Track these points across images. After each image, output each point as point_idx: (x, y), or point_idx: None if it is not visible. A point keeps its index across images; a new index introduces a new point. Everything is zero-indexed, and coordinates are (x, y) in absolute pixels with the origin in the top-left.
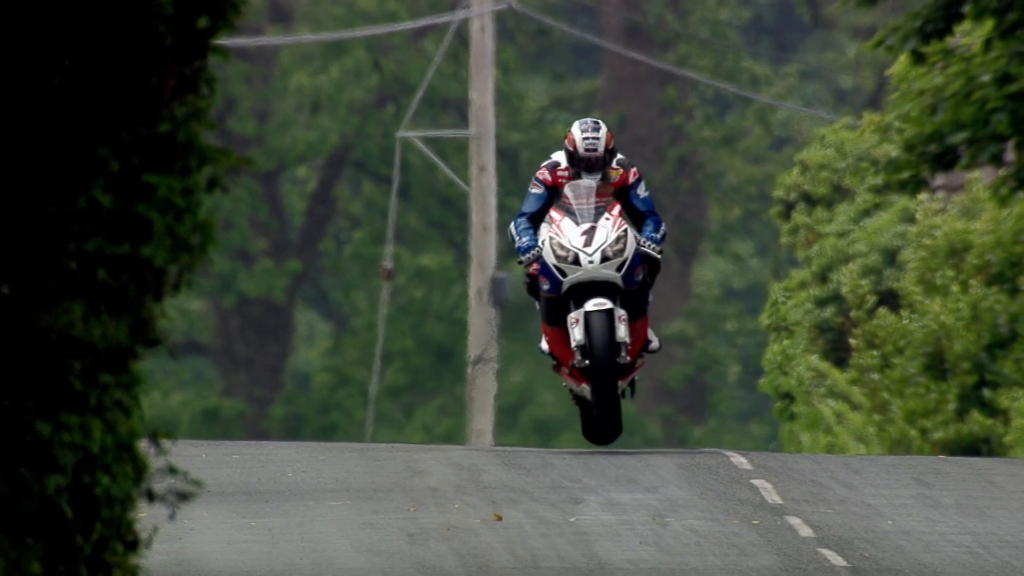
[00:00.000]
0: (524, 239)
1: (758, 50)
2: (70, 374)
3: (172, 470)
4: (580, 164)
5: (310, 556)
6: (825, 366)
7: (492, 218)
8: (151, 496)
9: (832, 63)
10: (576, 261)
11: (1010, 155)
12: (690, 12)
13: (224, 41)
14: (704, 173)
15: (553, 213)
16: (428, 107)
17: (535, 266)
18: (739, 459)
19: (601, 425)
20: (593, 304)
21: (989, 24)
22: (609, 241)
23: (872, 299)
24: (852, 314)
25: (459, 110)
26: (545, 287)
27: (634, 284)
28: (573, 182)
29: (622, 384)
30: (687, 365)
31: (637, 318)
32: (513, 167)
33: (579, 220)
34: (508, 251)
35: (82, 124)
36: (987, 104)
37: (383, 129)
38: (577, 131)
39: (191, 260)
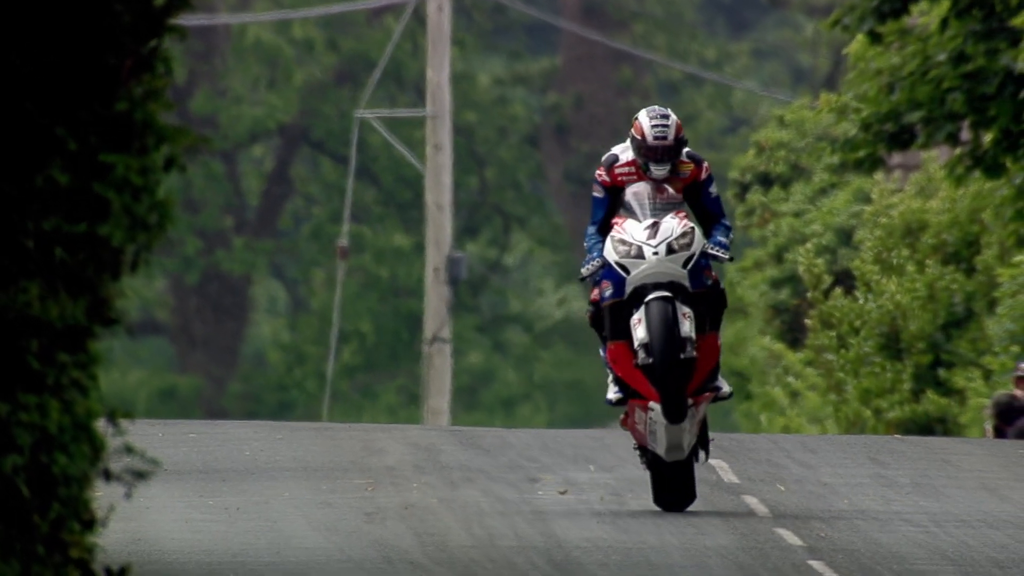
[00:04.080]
0: (593, 253)
1: (714, 29)
2: (27, 353)
3: (129, 449)
4: (648, 154)
5: (267, 535)
6: (779, 347)
7: (447, 197)
8: (108, 475)
9: (789, 42)
10: (640, 255)
11: (966, 134)
12: None
13: (181, 20)
14: None
15: (616, 219)
16: (385, 85)
17: (595, 292)
18: None
19: (674, 484)
20: (653, 294)
21: (945, 4)
22: (675, 235)
23: (828, 279)
24: (808, 294)
25: (417, 88)
26: (608, 293)
27: (702, 287)
28: (634, 187)
29: (695, 411)
30: None
31: (704, 331)
32: (469, 146)
33: (642, 218)
34: (464, 230)
35: (39, 103)
36: (943, 83)
37: (340, 108)
38: (645, 118)
39: (149, 239)
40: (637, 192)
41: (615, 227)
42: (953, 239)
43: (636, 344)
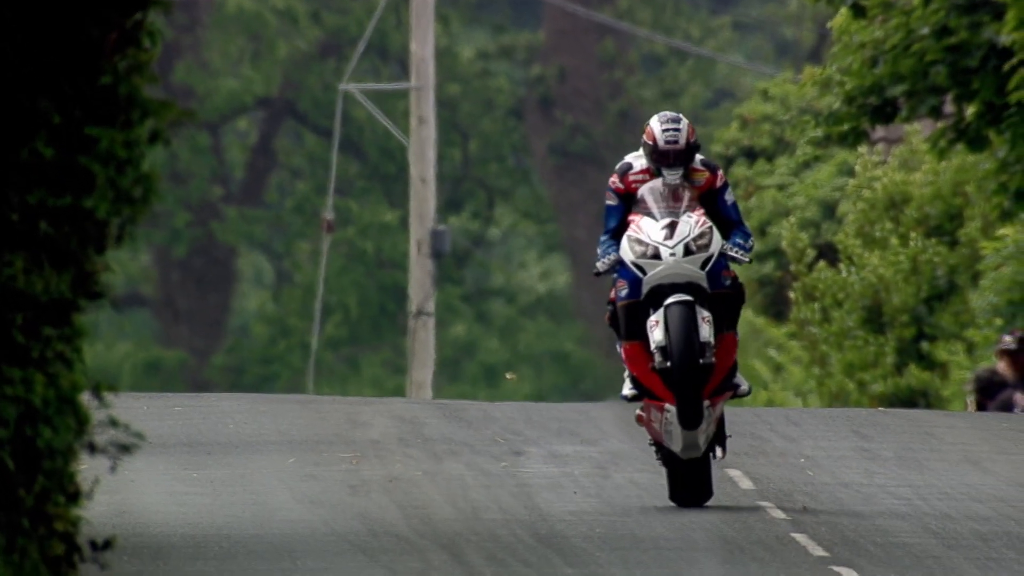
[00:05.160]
0: (610, 252)
1: (698, 2)
2: (12, 327)
3: (113, 422)
4: (660, 159)
5: (252, 508)
6: (761, 322)
7: (431, 171)
8: (93, 448)
9: (773, 15)
10: (656, 255)
11: (949, 107)
12: None
13: None
14: None
15: (632, 216)
16: (369, 58)
17: (613, 292)
18: None
19: (689, 480)
20: (673, 298)
21: None
22: (692, 235)
23: (811, 253)
24: (791, 268)
25: (400, 62)
26: (623, 293)
27: (721, 287)
28: (650, 184)
29: (712, 411)
30: None
31: (722, 331)
32: (453, 119)
33: (658, 214)
34: (448, 204)
35: (24, 76)
36: (926, 57)
37: (324, 80)
38: (656, 124)
39: (134, 212)
40: (653, 188)
41: (631, 225)
42: (936, 212)
43: (653, 347)
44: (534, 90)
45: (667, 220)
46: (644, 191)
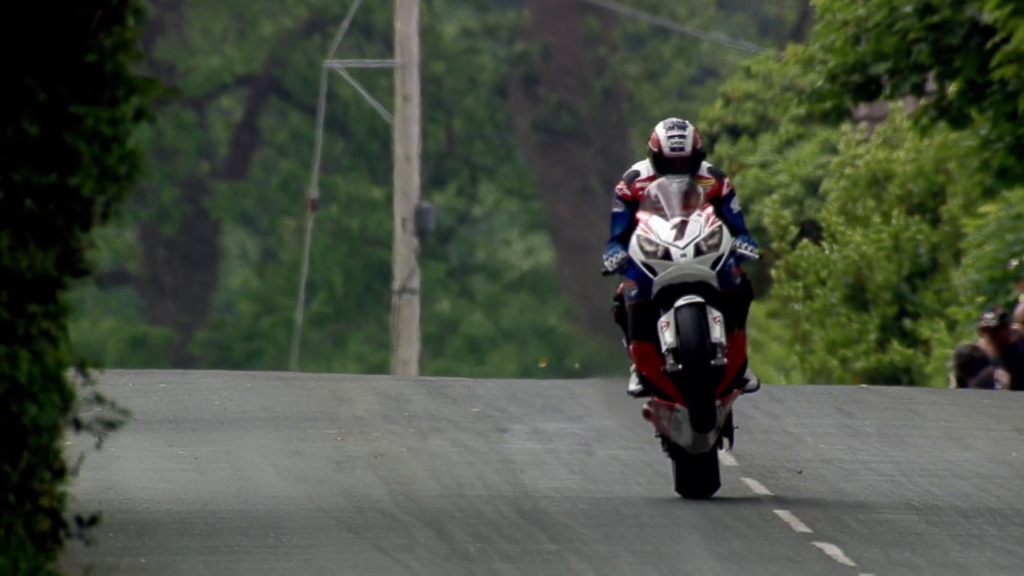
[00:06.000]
0: (617, 251)
1: None
2: None
3: (99, 399)
4: (666, 166)
5: (237, 484)
6: None
7: (415, 148)
8: (78, 425)
9: None
10: (667, 256)
11: (931, 85)
12: None
13: None
14: (631, 104)
15: (640, 215)
16: (354, 35)
17: (621, 287)
18: None
19: (696, 473)
20: (683, 300)
21: None
22: (703, 235)
23: (794, 230)
24: (774, 245)
25: (385, 39)
26: (632, 293)
27: (731, 287)
28: (659, 181)
29: (723, 409)
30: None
31: (732, 330)
32: (438, 96)
33: (668, 211)
34: (432, 182)
35: (9, 54)
36: (909, 34)
37: (308, 57)
38: (661, 131)
39: (119, 190)
40: (662, 185)
41: (640, 224)
42: (919, 190)
43: (664, 348)
44: (518, 68)
45: (677, 219)
46: (653, 188)
